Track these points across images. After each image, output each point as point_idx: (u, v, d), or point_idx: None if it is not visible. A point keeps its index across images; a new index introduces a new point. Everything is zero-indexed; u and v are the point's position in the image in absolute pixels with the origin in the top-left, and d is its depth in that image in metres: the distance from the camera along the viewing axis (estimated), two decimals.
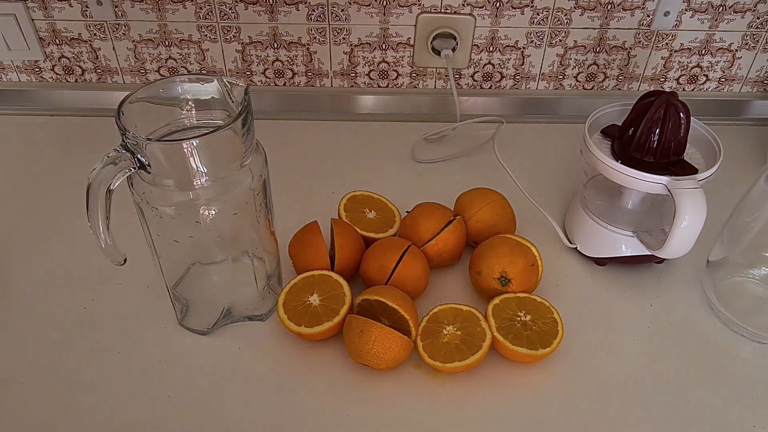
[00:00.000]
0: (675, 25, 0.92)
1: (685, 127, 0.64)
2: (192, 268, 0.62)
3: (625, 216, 0.71)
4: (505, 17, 0.91)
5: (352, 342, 0.60)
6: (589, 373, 0.63)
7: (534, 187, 0.80)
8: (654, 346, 0.65)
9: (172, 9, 0.89)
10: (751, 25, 0.92)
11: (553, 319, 0.62)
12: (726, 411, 0.60)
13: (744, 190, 0.65)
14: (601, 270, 0.73)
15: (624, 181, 0.65)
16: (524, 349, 0.60)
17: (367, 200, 0.75)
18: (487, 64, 0.96)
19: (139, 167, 0.50)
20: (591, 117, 0.70)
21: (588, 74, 0.98)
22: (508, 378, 0.62)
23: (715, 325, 0.67)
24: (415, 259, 0.66)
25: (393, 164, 0.88)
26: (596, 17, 0.91)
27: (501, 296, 0.64)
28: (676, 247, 0.62)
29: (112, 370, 0.61)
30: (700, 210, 0.60)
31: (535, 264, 0.66)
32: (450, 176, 0.86)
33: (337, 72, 0.96)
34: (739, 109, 1.00)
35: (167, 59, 0.95)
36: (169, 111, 0.55)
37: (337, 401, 0.59)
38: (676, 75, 0.98)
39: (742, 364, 0.64)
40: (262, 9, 0.89)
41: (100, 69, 0.96)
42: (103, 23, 0.91)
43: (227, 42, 0.93)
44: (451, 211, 0.73)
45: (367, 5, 0.89)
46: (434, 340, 0.61)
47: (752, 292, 0.70)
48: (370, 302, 0.61)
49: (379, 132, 0.94)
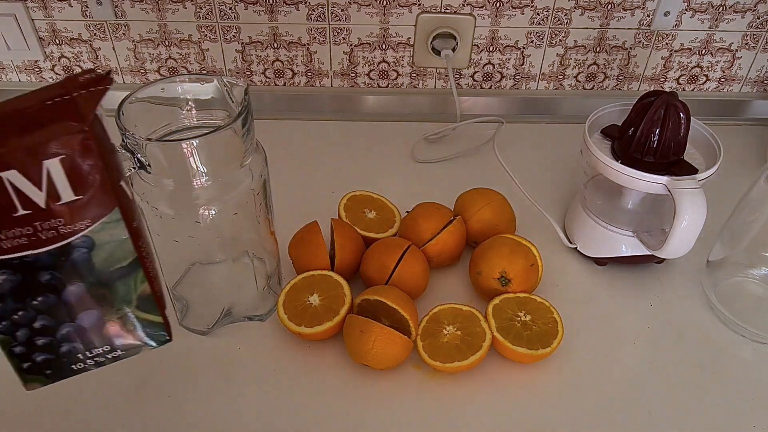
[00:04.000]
0: (675, 25, 0.92)
1: (685, 127, 0.64)
2: (192, 268, 0.62)
3: (625, 216, 0.71)
4: (505, 17, 0.91)
5: (352, 342, 0.59)
6: (589, 373, 0.63)
7: (534, 187, 0.80)
8: (654, 346, 0.65)
9: (172, 9, 0.89)
10: (751, 25, 0.92)
11: (553, 319, 0.62)
12: (726, 411, 0.60)
13: (744, 190, 0.65)
14: (601, 270, 0.73)
15: (624, 181, 0.65)
16: (524, 349, 0.60)
17: (367, 200, 0.75)
18: (487, 64, 0.96)
19: (139, 167, 0.50)
20: (591, 117, 0.70)
21: (588, 74, 0.98)
22: (508, 378, 0.62)
23: (715, 325, 0.67)
24: (415, 259, 0.66)
25: (393, 164, 0.88)
26: (596, 17, 0.91)
27: (501, 296, 0.64)
28: (676, 247, 0.62)
29: (112, 370, 0.61)
30: (700, 210, 0.60)
31: (535, 264, 0.66)
32: (450, 176, 0.86)
33: (337, 72, 0.96)
34: (739, 109, 1.00)
35: (167, 59, 0.95)
36: (169, 111, 0.55)
37: (337, 401, 0.59)
38: (676, 75, 0.98)
39: (742, 364, 0.64)
40: (262, 9, 0.89)
41: (100, 69, 0.96)
42: (103, 23, 0.91)
43: (227, 42, 0.93)
44: (451, 211, 0.73)
45: (367, 5, 0.89)
46: (434, 340, 0.61)
47: (752, 292, 0.70)
48: (370, 302, 0.61)
49: (379, 132, 0.94)
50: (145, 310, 0.43)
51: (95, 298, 0.41)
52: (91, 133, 0.34)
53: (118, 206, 0.38)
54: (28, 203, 0.35)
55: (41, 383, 0.43)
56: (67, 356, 0.42)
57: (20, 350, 0.41)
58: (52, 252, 0.37)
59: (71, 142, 0.34)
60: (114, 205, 0.37)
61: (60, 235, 0.37)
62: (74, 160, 0.35)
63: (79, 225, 0.37)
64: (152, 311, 0.43)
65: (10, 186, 0.34)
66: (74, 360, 0.42)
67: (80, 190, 0.36)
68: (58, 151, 0.34)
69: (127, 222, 0.39)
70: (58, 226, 0.36)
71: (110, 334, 0.43)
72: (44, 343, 0.41)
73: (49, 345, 0.41)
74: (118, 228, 0.38)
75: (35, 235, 0.36)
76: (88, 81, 0.35)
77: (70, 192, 0.35)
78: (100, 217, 0.37)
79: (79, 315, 0.41)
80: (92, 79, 0.35)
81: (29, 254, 0.37)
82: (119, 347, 0.44)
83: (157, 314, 0.44)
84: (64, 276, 0.39)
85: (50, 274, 0.38)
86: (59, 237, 0.37)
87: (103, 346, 0.43)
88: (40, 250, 0.37)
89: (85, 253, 0.38)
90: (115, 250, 0.39)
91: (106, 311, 0.42)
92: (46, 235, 0.36)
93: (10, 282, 0.38)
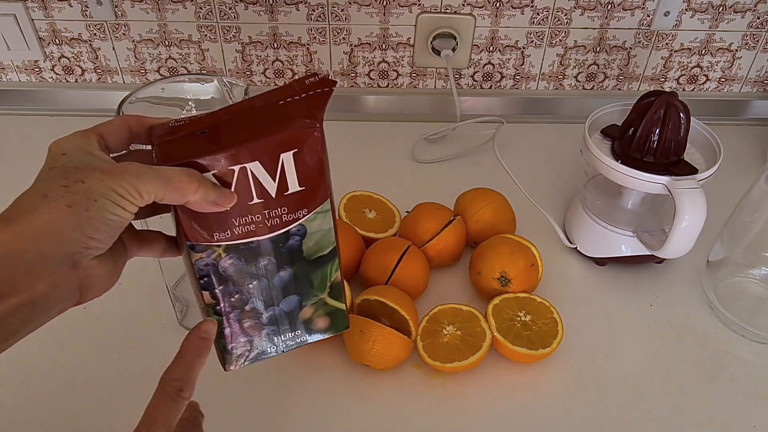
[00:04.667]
0: (675, 25, 0.92)
1: (685, 127, 0.64)
2: None
3: (625, 216, 0.71)
4: (505, 17, 0.91)
5: (352, 342, 0.60)
6: (589, 373, 0.63)
7: (534, 187, 0.80)
8: (654, 346, 0.65)
9: (172, 9, 0.89)
10: (751, 25, 0.92)
11: (553, 319, 0.62)
12: (726, 411, 0.60)
13: (744, 190, 0.65)
14: (601, 270, 0.73)
15: (624, 181, 0.65)
16: (524, 349, 0.60)
17: (367, 200, 0.75)
18: (487, 64, 0.96)
19: None
20: (591, 117, 0.70)
21: (588, 74, 0.98)
22: (508, 378, 0.62)
23: (715, 325, 0.67)
24: (415, 259, 0.66)
25: (393, 164, 0.88)
26: (596, 17, 0.91)
27: (501, 296, 0.64)
28: (676, 247, 0.62)
29: (112, 370, 0.61)
30: (700, 210, 0.60)
31: (535, 264, 0.66)
32: (450, 176, 0.86)
33: (337, 72, 0.96)
34: (739, 109, 1.00)
35: (167, 59, 0.95)
36: (169, 111, 0.55)
37: (337, 401, 0.59)
38: (676, 75, 0.98)
39: (742, 364, 0.64)
40: (262, 9, 0.89)
41: (100, 69, 0.96)
42: (103, 23, 0.91)
43: (227, 42, 0.93)
44: (451, 211, 0.73)
45: (367, 5, 0.89)
46: (434, 340, 0.61)
47: (752, 292, 0.70)
48: (370, 302, 0.61)
49: (379, 132, 0.94)
50: (335, 297, 0.45)
51: (298, 284, 0.43)
52: (321, 131, 0.38)
53: (329, 198, 0.41)
54: (262, 192, 0.39)
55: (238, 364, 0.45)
56: (266, 339, 0.44)
57: (229, 331, 0.43)
58: (274, 239, 0.40)
59: (304, 138, 0.38)
60: (327, 197, 0.41)
61: (282, 223, 0.40)
62: (304, 154, 0.38)
63: (299, 213, 0.40)
64: (340, 298, 0.46)
65: (251, 176, 0.38)
66: (270, 343, 0.45)
67: (304, 182, 0.39)
68: (293, 145, 0.38)
69: (333, 213, 0.42)
70: (282, 215, 0.40)
71: (303, 319, 0.45)
72: (250, 326, 0.43)
73: (253, 327, 0.43)
74: (326, 218, 0.41)
75: (263, 222, 0.40)
76: (314, 84, 0.40)
77: (296, 183, 0.39)
78: (315, 207, 0.41)
79: (283, 299, 0.43)
80: (317, 83, 0.40)
81: (255, 240, 0.40)
82: (307, 332, 0.46)
83: (343, 302, 0.46)
84: (277, 262, 0.42)
85: (267, 260, 0.41)
86: (281, 225, 0.40)
87: (295, 331, 0.45)
88: (265, 237, 0.40)
89: (298, 241, 0.42)
90: (321, 239, 0.42)
91: (305, 297, 0.44)
92: (272, 223, 0.40)
93: (234, 266, 0.41)
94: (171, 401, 0.38)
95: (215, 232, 0.39)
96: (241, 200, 0.38)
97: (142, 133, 0.39)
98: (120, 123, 0.39)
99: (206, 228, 0.38)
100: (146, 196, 0.34)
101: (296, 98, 0.39)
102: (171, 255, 0.43)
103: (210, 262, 0.40)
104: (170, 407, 0.38)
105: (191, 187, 0.35)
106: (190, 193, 0.35)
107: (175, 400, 0.38)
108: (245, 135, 0.37)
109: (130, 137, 0.39)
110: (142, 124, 0.39)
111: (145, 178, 0.34)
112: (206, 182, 0.36)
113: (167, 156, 0.37)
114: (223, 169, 0.37)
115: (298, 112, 0.38)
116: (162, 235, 0.42)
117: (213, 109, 0.40)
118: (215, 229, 0.39)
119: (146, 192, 0.34)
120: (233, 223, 0.39)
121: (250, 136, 0.37)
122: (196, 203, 0.36)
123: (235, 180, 0.37)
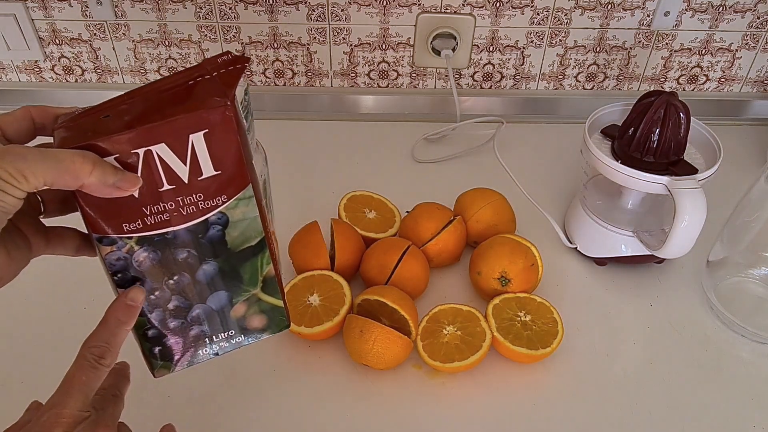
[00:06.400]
0: (675, 25, 0.92)
1: (685, 127, 0.64)
2: None
3: (625, 216, 0.71)
4: (505, 17, 0.91)
5: (352, 342, 0.60)
6: (589, 373, 0.63)
7: (534, 187, 0.80)
8: (654, 346, 0.65)
9: (172, 9, 0.89)
10: (751, 25, 0.92)
11: (553, 319, 0.62)
12: (726, 411, 0.60)
13: (744, 190, 0.65)
14: (601, 270, 0.73)
15: (624, 181, 0.65)
16: (524, 349, 0.60)
17: (367, 200, 0.75)
18: (487, 64, 0.96)
19: None
20: (591, 117, 0.70)
21: (588, 74, 0.98)
22: (508, 378, 0.62)
23: (715, 325, 0.67)
24: (415, 259, 0.66)
25: (393, 164, 0.88)
26: (596, 17, 0.91)
27: (501, 296, 0.64)
28: (676, 247, 0.62)
29: None
30: (700, 210, 0.60)
31: (535, 264, 0.66)
32: (450, 176, 0.86)
33: (337, 72, 0.96)
34: (739, 109, 1.00)
35: (167, 59, 0.95)
36: None
37: (337, 401, 0.59)
38: (676, 75, 0.98)
39: (742, 364, 0.64)
40: (262, 9, 0.89)
41: (100, 69, 0.96)
42: (103, 23, 0.91)
43: (227, 42, 0.93)
44: (451, 211, 0.73)
45: (367, 5, 0.89)
46: (434, 340, 0.61)
47: (752, 292, 0.70)
48: (370, 302, 0.61)
49: (379, 132, 0.94)
50: (268, 292, 0.43)
51: (225, 279, 0.41)
52: (233, 108, 0.36)
53: (251, 183, 0.39)
54: (173, 178, 0.36)
55: (168, 370, 0.43)
56: (195, 341, 0.42)
57: (153, 333, 0.41)
58: (191, 228, 0.38)
59: (214, 117, 0.35)
60: (248, 182, 0.38)
61: (199, 211, 0.38)
62: (216, 135, 0.36)
63: (217, 200, 0.38)
64: (275, 294, 0.43)
65: (158, 160, 0.35)
66: (201, 345, 0.43)
67: (219, 165, 0.37)
68: (203, 125, 0.35)
69: (258, 199, 0.40)
70: (198, 202, 0.38)
71: (236, 317, 0.43)
72: (176, 326, 0.41)
73: (180, 328, 0.41)
74: (250, 205, 0.39)
75: (177, 210, 0.37)
76: (226, 62, 0.37)
77: (210, 167, 0.37)
78: (236, 193, 0.38)
79: (210, 296, 0.41)
80: (229, 60, 0.38)
81: (170, 230, 0.38)
82: (242, 332, 0.44)
83: (279, 298, 0.44)
84: (199, 254, 0.39)
85: (187, 252, 0.39)
86: (198, 213, 0.38)
87: (228, 331, 0.43)
88: (180, 226, 0.38)
89: (220, 231, 0.39)
90: (246, 229, 0.40)
91: (234, 293, 0.42)
92: (187, 211, 0.38)
93: (150, 260, 0.38)
94: (91, 368, 0.37)
95: (124, 223, 0.36)
96: (150, 187, 0.36)
97: (48, 124, 0.37)
98: (21, 113, 0.37)
99: (113, 218, 0.36)
100: (32, 179, 0.32)
101: (207, 77, 0.37)
102: (87, 254, 0.41)
103: (122, 256, 0.37)
104: (89, 374, 0.37)
105: (85, 168, 0.32)
106: (84, 175, 0.33)
107: (95, 368, 0.37)
108: (150, 116, 0.35)
109: (34, 128, 0.37)
110: (46, 114, 0.37)
111: (30, 160, 0.31)
112: (103, 164, 0.33)
113: (64, 140, 0.35)
114: (126, 153, 0.34)
115: (208, 90, 0.36)
116: (75, 232, 0.40)
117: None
118: (124, 219, 0.36)
119: (32, 175, 0.31)
120: (144, 212, 0.36)
121: (155, 117, 0.35)
122: (94, 187, 0.33)
123: (140, 164, 0.35)
